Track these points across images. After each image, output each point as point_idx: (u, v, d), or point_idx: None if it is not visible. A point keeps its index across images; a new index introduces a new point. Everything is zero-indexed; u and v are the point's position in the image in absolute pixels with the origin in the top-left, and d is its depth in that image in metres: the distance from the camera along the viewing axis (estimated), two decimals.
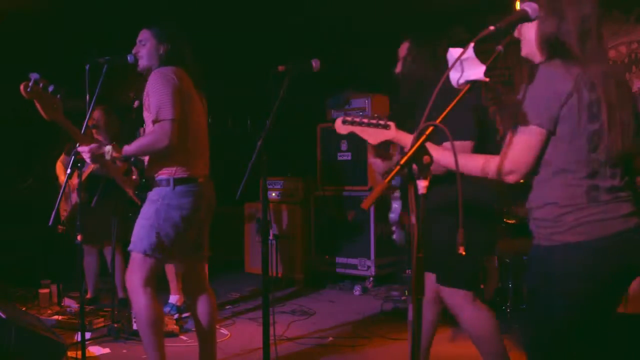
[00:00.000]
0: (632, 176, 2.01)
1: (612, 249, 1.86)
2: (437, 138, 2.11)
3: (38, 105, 2.81)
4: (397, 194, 3.04)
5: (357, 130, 2.24)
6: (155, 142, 2.96)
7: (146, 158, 3.15)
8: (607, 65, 1.95)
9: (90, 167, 4.51)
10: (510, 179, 1.91)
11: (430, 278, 2.92)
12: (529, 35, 2.00)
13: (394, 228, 3.12)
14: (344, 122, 2.22)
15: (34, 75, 2.71)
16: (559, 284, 1.89)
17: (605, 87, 1.87)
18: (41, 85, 2.75)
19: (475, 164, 2.01)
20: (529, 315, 2.05)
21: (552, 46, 1.93)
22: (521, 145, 1.89)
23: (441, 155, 2.02)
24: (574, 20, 1.91)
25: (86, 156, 2.97)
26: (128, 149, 3.00)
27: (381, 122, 2.16)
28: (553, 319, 1.93)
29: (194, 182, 3.08)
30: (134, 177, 3.24)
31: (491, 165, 1.95)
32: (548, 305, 1.93)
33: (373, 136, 2.19)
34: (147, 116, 3.08)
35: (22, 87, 2.71)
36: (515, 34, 2.05)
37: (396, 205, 3.06)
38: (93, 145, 2.96)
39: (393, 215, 3.06)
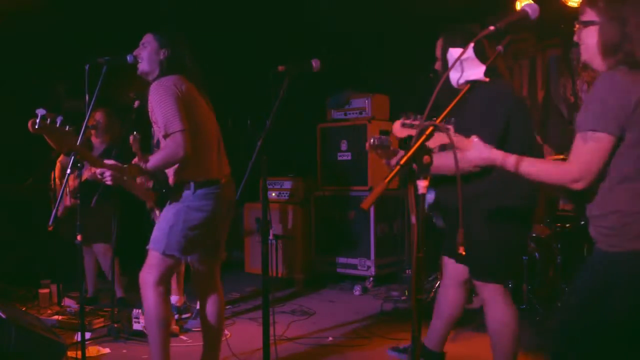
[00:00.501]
0: None
1: None
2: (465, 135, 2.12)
3: (49, 141, 2.77)
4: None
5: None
6: (171, 155, 2.98)
7: (168, 170, 3.17)
8: None
9: (89, 170, 4.51)
10: (577, 186, 1.89)
11: (455, 264, 3.09)
12: (588, 40, 1.97)
13: (432, 213, 3.15)
14: (403, 125, 2.13)
15: (40, 112, 2.60)
16: (621, 287, 1.86)
17: None
18: (48, 120, 2.66)
19: (545, 168, 1.98)
20: (572, 320, 2.01)
21: (614, 52, 1.90)
22: (589, 153, 1.86)
23: (510, 162, 2.00)
24: (637, 26, 1.88)
25: (107, 180, 2.95)
26: (149, 166, 3.00)
27: (441, 125, 2.10)
28: (603, 328, 1.89)
29: (217, 184, 3.13)
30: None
31: (558, 171, 1.93)
32: (602, 313, 1.89)
33: (431, 139, 2.12)
34: (157, 130, 3.10)
35: (29, 124, 2.61)
36: (575, 38, 2.02)
37: (430, 195, 3.08)
38: (113, 170, 2.92)
39: (429, 200, 3.08)
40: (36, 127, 2.62)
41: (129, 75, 3.26)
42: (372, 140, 2.46)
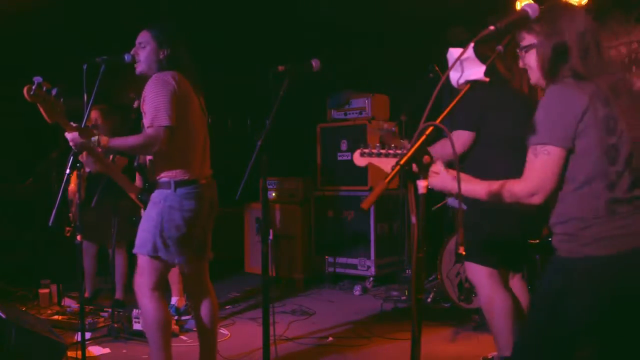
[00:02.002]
0: None
1: (632, 264, 1.86)
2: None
3: (41, 109, 2.81)
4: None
5: (375, 161, 2.25)
6: (144, 144, 2.96)
7: (148, 161, 3.15)
8: (614, 77, 1.96)
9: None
10: (534, 200, 1.91)
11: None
12: (532, 63, 2.02)
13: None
14: (362, 154, 2.23)
15: (37, 79, 2.72)
16: (576, 292, 1.89)
17: (618, 100, 1.89)
18: (44, 88, 2.76)
19: (495, 189, 1.99)
20: (533, 325, 2.04)
21: (556, 69, 1.95)
22: (541, 167, 1.90)
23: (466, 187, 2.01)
24: (572, 38, 1.93)
25: (71, 143, 2.94)
26: (114, 141, 3.00)
27: (398, 151, 2.17)
28: (559, 331, 1.93)
29: (195, 184, 3.09)
30: (136, 183, 3.25)
31: (513, 188, 1.95)
32: (559, 316, 1.92)
33: (388, 165, 2.19)
34: (145, 121, 3.07)
35: (25, 90, 2.71)
36: (520, 65, 2.06)
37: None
38: (76, 133, 2.92)
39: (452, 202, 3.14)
40: (31, 93, 2.71)
41: (127, 74, 3.25)
42: (380, 131, 2.55)
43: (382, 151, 2.20)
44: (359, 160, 2.25)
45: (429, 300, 5.11)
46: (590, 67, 1.91)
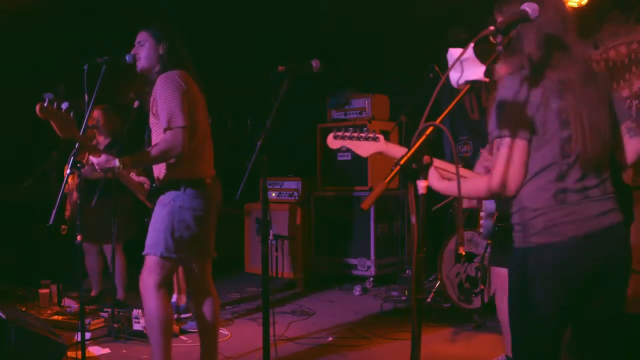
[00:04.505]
0: (617, 173, 2.04)
1: (582, 249, 1.89)
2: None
3: (53, 124, 2.83)
4: None
5: (348, 143, 2.36)
6: (169, 150, 2.97)
7: (156, 165, 3.16)
8: (577, 69, 1.95)
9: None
10: (506, 192, 1.93)
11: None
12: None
13: (482, 221, 3.17)
14: (335, 137, 2.36)
15: (48, 96, 2.76)
16: (532, 282, 1.93)
17: (575, 93, 1.90)
18: (55, 105, 2.77)
19: (469, 186, 2.02)
20: (510, 319, 2.08)
21: (510, 58, 1.95)
22: (503, 159, 1.91)
23: (443, 185, 2.06)
24: (531, 29, 1.92)
25: (96, 165, 2.97)
26: (137, 159, 3.00)
27: (370, 135, 2.28)
28: (527, 316, 1.97)
29: (203, 183, 3.12)
30: (145, 186, 3.26)
31: (483, 184, 1.97)
32: (523, 304, 1.97)
33: (364, 149, 2.31)
34: (154, 122, 3.09)
35: (37, 108, 2.73)
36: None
37: (490, 204, 3.10)
38: (102, 159, 2.94)
39: (488, 207, 3.10)
40: (43, 110, 2.74)
41: (128, 75, 3.25)
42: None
43: (355, 134, 2.30)
44: (333, 143, 2.37)
45: (429, 300, 5.11)
46: (550, 58, 1.91)
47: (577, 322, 2.01)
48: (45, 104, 2.74)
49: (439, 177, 2.07)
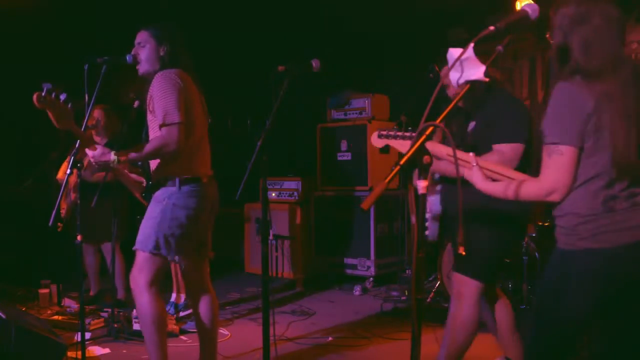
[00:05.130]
0: None
1: (631, 257, 1.90)
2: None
3: (50, 115, 2.82)
4: (438, 187, 3.07)
5: (392, 142, 2.35)
6: (163, 146, 2.97)
7: (152, 161, 3.15)
8: (626, 77, 1.95)
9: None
10: (553, 198, 1.95)
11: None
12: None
13: (428, 223, 3.13)
14: (379, 135, 2.35)
15: (46, 85, 2.74)
16: (574, 283, 1.93)
17: (623, 100, 1.89)
18: (53, 95, 2.77)
19: (518, 190, 2.02)
20: (537, 315, 2.09)
21: (565, 63, 1.95)
22: (555, 165, 1.92)
23: (488, 186, 2.07)
24: (579, 34, 1.92)
25: (93, 161, 2.97)
26: (135, 155, 3.00)
27: (414, 134, 2.20)
28: (561, 320, 1.98)
29: (199, 182, 3.11)
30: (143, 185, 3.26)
31: (530, 188, 1.98)
32: (559, 305, 1.97)
33: (404, 147, 2.26)
34: (151, 119, 3.08)
35: (35, 97, 2.73)
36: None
37: (434, 198, 3.07)
38: (97, 152, 2.95)
39: (434, 208, 3.07)
40: (41, 100, 2.74)
41: (129, 75, 3.25)
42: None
43: (399, 133, 2.26)
44: (377, 141, 2.35)
45: (429, 300, 5.10)
46: (599, 65, 1.91)
47: (612, 326, 2.02)
48: (43, 94, 2.73)
49: (483, 177, 2.09)
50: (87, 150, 2.96)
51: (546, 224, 4.84)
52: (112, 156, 2.92)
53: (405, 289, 5.46)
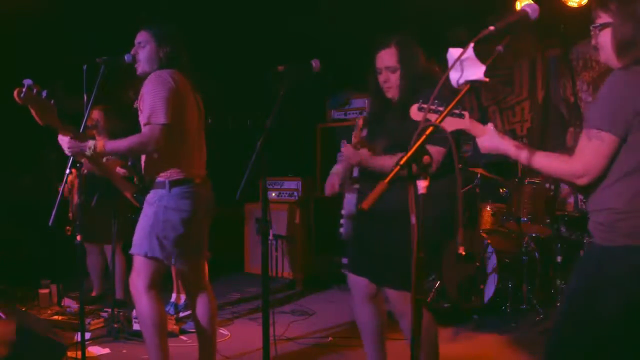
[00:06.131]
0: None
1: None
2: None
3: (32, 111, 2.81)
4: (355, 186, 3.05)
5: (432, 117, 2.14)
6: (141, 144, 2.96)
7: (143, 161, 3.15)
8: None
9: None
10: (581, 181, 1.93)
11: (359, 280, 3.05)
12: (605, 42, 1.99)
13: (343, 221, 3.10)
14: (419, 108, 2.17)
15: (27, 82, 2.72)
16: (612, 280, 1.90)
17: None
18: (34, 91, 2.75)
19: (553, 163, 2.02)
20: (569, 313, 2.04)
21: (628, 51, 1.92)
22: (593, 151, 1.90)
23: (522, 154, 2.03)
24: None
25: (65, 147, 2.93)
26: (110, 145, 2.98)
27: (456, 111, 2.09)
28: (600, 319, 1.93)
29: (190, 183, 3.08)
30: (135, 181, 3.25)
31: (564, 167, 1.97)
32: (595, 302, 1.93)
33: (448, 124, 2.08)
34: (141, 118, 3.06)
35: (15, 93, 2.71)
36: (593, 42, 2.04)
37: (350, 197, 3.04)
38: (71, 138, 2.91)
39: (349, 207, 3.04)
40: (22, 96, 2.72)
41: (128, 74, 3.25)
42: None
43: (440, 108, 2.09)
44: (416, 114, 2.18)
45: (429, 300, 5.10)
46: None
47: None
48: (24, 90, 2.71)
49: (516, 146, 2.04)
50: (60, 137, 2.93)
51: (546, 223, 4.84)
52: (89, 144, 2.90)
53: None
